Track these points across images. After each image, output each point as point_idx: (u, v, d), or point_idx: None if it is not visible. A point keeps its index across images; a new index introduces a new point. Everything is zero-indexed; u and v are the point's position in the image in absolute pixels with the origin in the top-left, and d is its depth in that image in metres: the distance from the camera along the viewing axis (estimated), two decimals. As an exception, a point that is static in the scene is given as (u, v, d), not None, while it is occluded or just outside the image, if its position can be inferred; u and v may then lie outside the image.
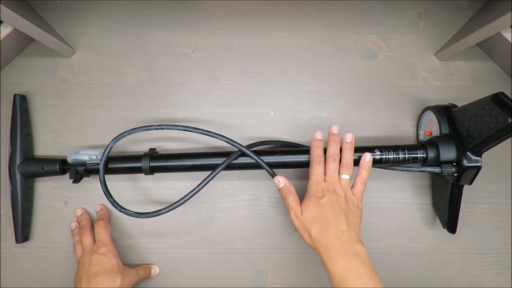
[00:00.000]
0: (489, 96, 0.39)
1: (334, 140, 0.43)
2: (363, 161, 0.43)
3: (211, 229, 0.52)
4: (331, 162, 0.42)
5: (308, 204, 0.41)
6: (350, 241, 0.38)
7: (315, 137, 0.44)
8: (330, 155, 0.42)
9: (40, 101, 0.54)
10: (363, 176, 0.43)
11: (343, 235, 0.38)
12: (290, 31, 0.57)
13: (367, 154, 0.43)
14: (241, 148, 0.45)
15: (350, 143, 0.43)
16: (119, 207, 0.44)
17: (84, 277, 0.43)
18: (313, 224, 0.39)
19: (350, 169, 0.42)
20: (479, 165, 0.42)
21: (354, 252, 0.37)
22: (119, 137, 0.45)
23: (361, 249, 0.37)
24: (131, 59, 0.55)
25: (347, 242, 0.37)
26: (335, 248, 0.37)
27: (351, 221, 0.39)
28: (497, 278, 0.51)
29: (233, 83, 0.55)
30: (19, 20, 0.44)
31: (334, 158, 0.42)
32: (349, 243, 0.37)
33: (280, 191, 0.44)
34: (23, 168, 0.49)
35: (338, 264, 0.36)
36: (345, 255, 0.36)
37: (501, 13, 0.44)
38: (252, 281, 0.51)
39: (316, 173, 0.42)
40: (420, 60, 0.56)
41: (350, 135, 0.44)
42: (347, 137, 0.44)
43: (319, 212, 0.40)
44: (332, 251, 0.37)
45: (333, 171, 0.42)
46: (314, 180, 0.42)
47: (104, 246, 0.46)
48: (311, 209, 0.40)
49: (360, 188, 0.42)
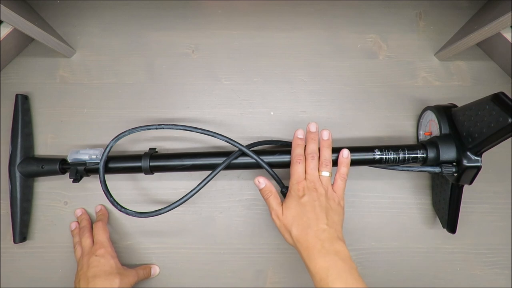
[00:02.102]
0: (489, 96, 0.39)
1: (312, 138, 0.44)
2: (341, 158, 0.44)
3: (211, 229, 0.52)
4: (310, 160, 0.42)
5: (289, 204, 0.41)
6: (330, 239, 0.37)
7: (296, 135, 0.45)
8: (309, 153, 0.43)
9: (40, 101, 0.54)
10: (342, 172, 0.43)
11: (323, 234, 0.38)
12: (290, 31, 0.57)
13: (345, 150, 0.44)
14: (241, 147, 0.45)
15: (327, 141, 0.44)
16: (119, 206, 0.44)
17: (83, 279, 0.43)
18: (294, 224, 0.39)
19: (329, 166, 0.42)
20: (479, 165, 0.42)
21: (334, 250, 0.37)
22: (119, 136, 0.45)
23: (341, 247, 0.37)
24: (131, 59, 0.55)
25: (327, 241, 0.37)
26: (315, 248, 0.37)
27: (332, 220, 0.39)
28: (497, 278, 0.51)
29: (233, 83, 0.55)
30: (19, 20, 0.44)
31: (313, 156, 0.42)
32: (329, 242, 0.37)
33: (261, 191, 0.44)
34: (23, 168, 0.49)
35: (318, 263, 0.36)
36: (325, 254, 0.36)
37: (501, 13, 0.44)
38: (252, 281, 0.51)
39: (296, 171, 0.42)
40: (420, 60, 0.56)
41: (326, 132, 0.44)
42: (324, 135, 0.44)
43: (299, 212, 0.39)
44: (312, 251, 0.37)
45: (312, 169, 0.42)
46: (295, 179, 0.42)
47: (102, 247, 0.46)
48: (291, 209, 0.40)
49: (340, 185, 0.42)
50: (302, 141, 0.44)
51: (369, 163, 0.46)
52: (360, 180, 0.53)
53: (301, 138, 0.44)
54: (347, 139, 0.54)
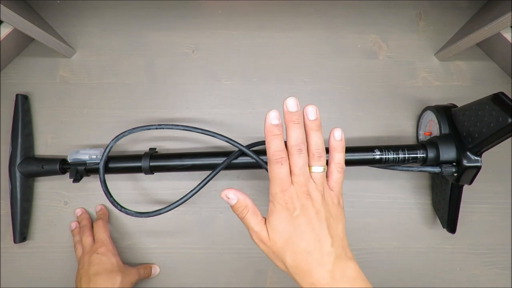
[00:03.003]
0: (489, 96, 0.39)
1: (294, 121, 0.31)
2: (333, 141, 0.32)
3: (211, 229, 0.52)
4: (296, 154, 0.30)
5: (276, 224, 0.30)
6: (340, 266, 0.29)
7: (269, 121, 0.31)
8: (293, 145, 0.30)
9: (40, 101, 0.54)
10: (337, 160, 0.32)
11: (330, 261, 0.29)
12: (290, 31, 0.57)
13: (336, 130, 0.32)
14: (241, 147, 0.45)
15: (315, 121, 0.31)
16: (119, 206, 0.44)
17: (84, 277, 0.43)
18: (288, 251, 0.30)
19: (322, 156, 0.31)
20: (479, 165, 0.42)
21: (348, 280, 0.29)
22: (119, 136, 0.45)
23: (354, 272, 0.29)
24: (131, 59, 0.55)
25: (338, 271, 0.29)
26: (324, 280, 0.28)
27: (336, 233, 0.31)
28: (497, 278, 0.51)
29: (233, 83, 0.55)
30: (19, 20, 0.44)
31: (300, 149, 0.30)
32: (340, 271, 0.29)
33: (234, 208, 0.33)
34: (23, 168, 0.49)
35: None
36: (337, 286, 0.28)
37: (501, 13, 0.44)
38: (252, 281, 0.51)
39: (278, 176, 0.30)
40: (420, 60, 0.56)
41: (313, 109, 0.31)
42: (310, 113, 0.31)
43: (292, 234, 0.29)
44: (320, 286, 0.28)
45: (301, 168, 0.30)
46: (278, 187, 0.30)
47: (103, 245, 0.46)
48: (281, 231, 0.30)
49: (337, 179, 0.32)
50: (279, 128, 0.31)
51: (369, 163, 0.45)
52: (360, 180, 0.53)
53: (278, 124, 0.31)
54: (347, 139, 0.53)
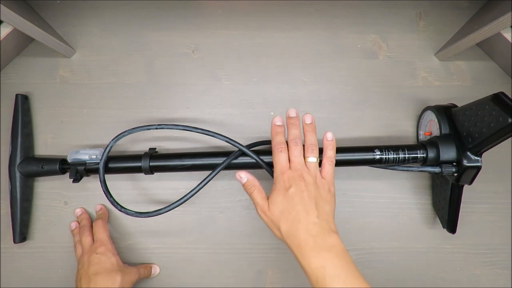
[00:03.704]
0: (489, 96, 0.39)
1: (293, 123, 0.41)
2: (325, 141, 0.41)
3: (211, 229, 0.52)
4: (293, 146, 0.39)
5: (275, 198, 0.38)
6: (323, 234, 0.35)
7: (274, 123, 0.42)
8: (291, 139, 0.40)
9: (40, 101, 0.54)
10: (329, 155, 0.41)
11: (315, 228, 0.36)
12: (290, 31, 0.57)
13: (328, 133, 0.42)
14: (241, 147, 0.45)
15: (310, 125, 0.41)
16: (119, 206, 0.44)
17: (84, 276, 0.43)
18: (282, 219, 0.37)
19: (315, 150, 0.40)
20: (479, 165, 0.42)
21: (328, 246, 0.35)
22: (119, 136, 0.45)
23: (335, 241, 0.35)
24: (131, 59, 0.55)
25: (320, 236, 0.35)
26: (307, 245, 0.35)
27: (323, 211, 0.37)
28: (497, 278, 0.51)
29: (233, 83, 0.55)
30: (19, 20, 0.44)
31: (296, 142, 0.40)
32: (321, 237, 0.35)
33: (244, 186, 0.41)
34: (23, 168, 0.49)
35: (313, 262, 0.34)
36: (318, 251, 0.34)
37: (501, 13, 0.44)
38: (252, 281, 0.51)
39: (279, 161, 0.39)
40: (420, 60, 0.56)
41: (309, 116, 0.42)
42: (306, 119, 0.42)
43: (287, 206, 0.37)
44: (305, 248, 0.35)
45: (296, 156, 0.39)
46: (279, 169, 0.39)
47: (102, 245, 0.46)
48: (278, 203, 0.38)
49: (329, 170, 0.40)
50: (281, 128, 0.42)
51: (369, 163, 0.46)
52: (360, 180, 0.53)
53: (280, 125, 0.42)
54: (347, 139, 0.54)
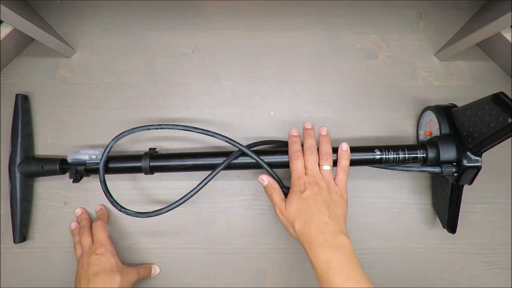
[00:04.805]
0: (489, 96, 0.39)
1: (309, 134, 0.44)
2: (340, 151, 0.44)
3: (211, 229, 0.52)
4: (308, 155, 0.42)
5: (291, 199, 0.41)
6: (333, 233, 0.38)
7: (291, 133, 0.45)
8: (307, 148, 0.43)
9: (40, 101, 0.54)
10: (343, 165, 0.43)
11: (326, 227, 0.38)
12: (290, 31, 0.57)
13: (344, 144, 0.44)
14: (241, 147, 0.45)
15: (326, 136, 0.44)
16: (119, 206, 0.44)
17: (83, 277, 0.43)
18: (297, 218, 0.40)
19: (329, 159, 0.43)
20: (479, 165, 0.42)
21: (337, 244, 0.37)
22: (119, 136, 0.45)
23: (343, 241, 0.38)
24: (131, 59, 0.55)
25: (330, 235, 0.37)
26: (317, 241, 0.37)
27: (334, 213, 0.40)
28: (497, 278, 0.51)
29: (233, 83, 0.55)
30: (19, 20, 0.44)
31: (312, 151, 0.43)
32: (331, 236, 0.37)
33: (265, 188, 0.45)
34: (23, 168, 0.49)
35: (320, 256, 0.36)
36: (327, 247, 0.37)
37: (501, 13, 0.44)
38: (252, 281, 0.51)
39: (296, 168, 0.42)
40: (420, 60, 0.56)
41: (325, 128, 0.45)
42: (322, 131, 0.45)
43: (302, 206, 0.40)
44: (315, 244, 0.37)
45: (312, 164, 0.42)
46: (296, 175, 0.42)
47: (102, 246, 0.46)
48: (294, 204, 0.41)
49: (342, 178, 0.43)
50: (297, 138, 0.45)
51: (369, 163, 0.46)
52: (360, 180, 0.53)
53: (296, 135, 0.45)
54: (347, 139, 0.53)
